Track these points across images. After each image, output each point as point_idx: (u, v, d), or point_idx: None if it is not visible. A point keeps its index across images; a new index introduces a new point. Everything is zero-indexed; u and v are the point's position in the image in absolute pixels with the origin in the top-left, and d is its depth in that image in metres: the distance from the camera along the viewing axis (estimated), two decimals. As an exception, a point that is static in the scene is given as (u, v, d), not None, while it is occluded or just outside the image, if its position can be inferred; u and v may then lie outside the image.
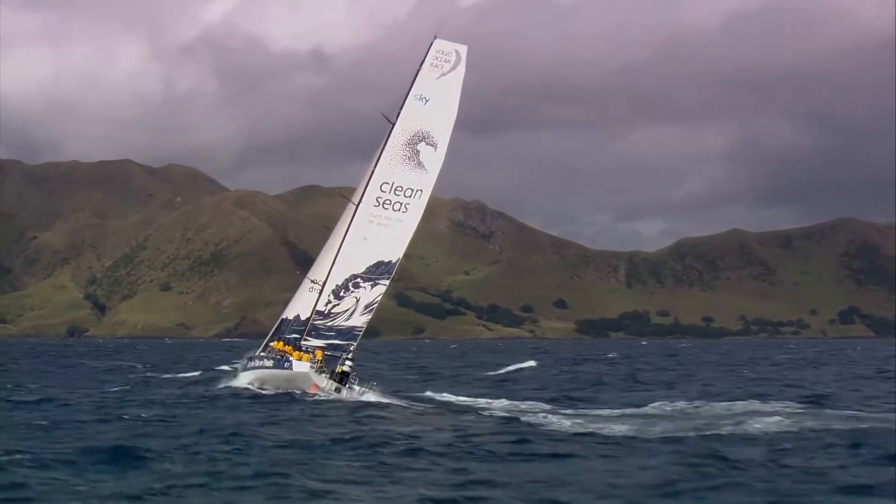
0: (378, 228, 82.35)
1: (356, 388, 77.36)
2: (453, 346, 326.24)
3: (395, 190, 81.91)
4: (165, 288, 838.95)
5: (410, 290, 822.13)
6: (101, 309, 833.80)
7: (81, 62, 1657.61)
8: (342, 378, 78.01)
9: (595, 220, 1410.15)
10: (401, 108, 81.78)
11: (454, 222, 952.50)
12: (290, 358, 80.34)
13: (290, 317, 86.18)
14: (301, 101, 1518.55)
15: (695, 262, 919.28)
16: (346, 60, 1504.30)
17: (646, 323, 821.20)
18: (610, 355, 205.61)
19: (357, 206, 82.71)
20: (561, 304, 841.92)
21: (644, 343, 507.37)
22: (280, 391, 77.48)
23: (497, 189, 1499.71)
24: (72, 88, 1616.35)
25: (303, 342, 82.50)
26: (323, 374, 78.74)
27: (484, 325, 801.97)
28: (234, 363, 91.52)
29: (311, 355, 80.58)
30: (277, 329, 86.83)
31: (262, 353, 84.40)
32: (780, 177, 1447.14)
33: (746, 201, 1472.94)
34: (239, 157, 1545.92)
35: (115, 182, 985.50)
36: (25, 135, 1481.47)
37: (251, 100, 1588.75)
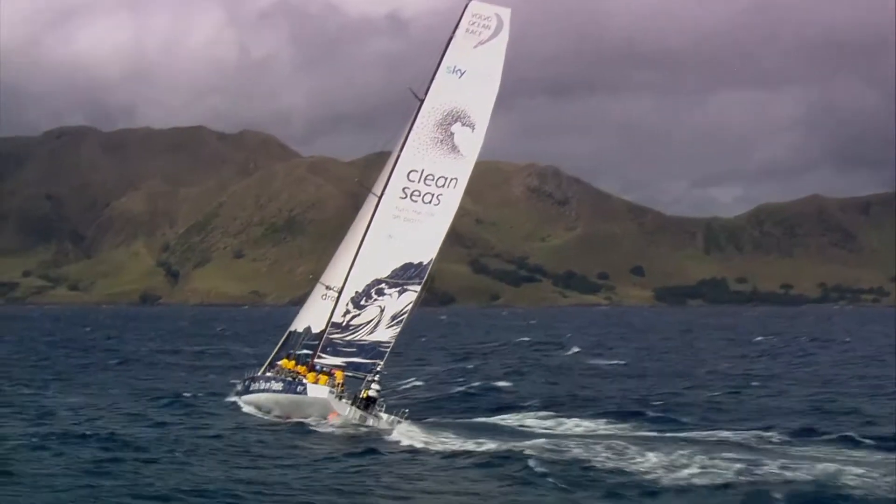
0: (405, 224, 68.50)
1: (383, 416, 63.77)
2: (532, 320, 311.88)
3: (426, 179, 68.19)
4: (238, 255, 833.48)
5: (485, 256, 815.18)
6: (174, 276, 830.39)
7: (159, 29, 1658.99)
8: (367, 404, 64.24)
9: (671, 186, 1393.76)
10: (430, 82, 67.76)
11: (529, 188, 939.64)
12: (304, 380, 66.69)
13: (300, 329, 71.91)
14: (377, 67, 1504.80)
15: (773, 228, 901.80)
16: (422, 25, 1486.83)
17: (724, 290, 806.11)
18: (757, 339, 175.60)
19: (380, 197, 68.90)
20: (638, 270, 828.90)
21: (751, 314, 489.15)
22: (291, 418, 64.89)
23: (572, 154, 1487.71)
24: (148, 55, 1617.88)
25: (316, 360, 68.88)
26: (344, 401, 64.97)
27: (560, 293, 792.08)
28: (234, 382, 77.41)
29: (331, 377, 66.84)
30: (284, 344, 72.85)
31: (269, 374, 70.58)
32: (861, 142, 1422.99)
33: (826, 167, 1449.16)
34: (313, 123, 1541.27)
35: (188, 149, 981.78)
36: (101, 102, 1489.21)
37: (327, 65, 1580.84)
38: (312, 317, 71.55)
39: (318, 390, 65.16)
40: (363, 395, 64.52)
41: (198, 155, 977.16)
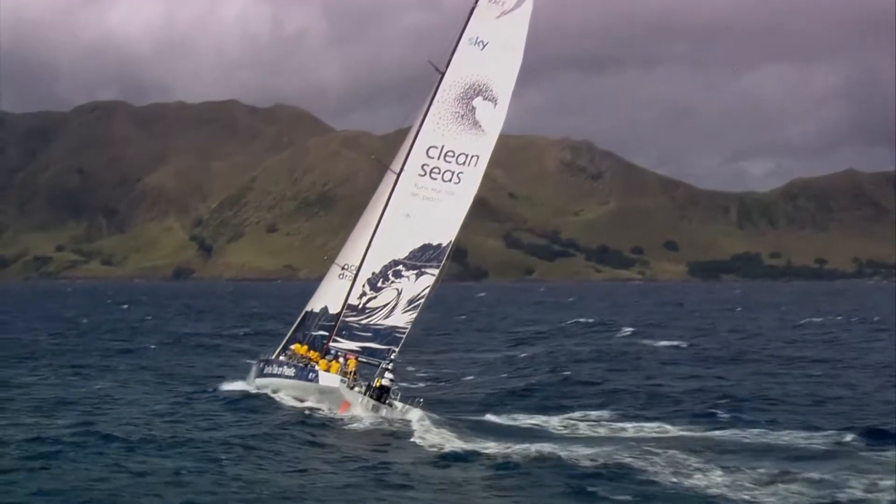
0: (424, 203, 65.47)
1: (398, 404, 60.60)
2: (571, 297, 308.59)
3: (446, 156, 65.09)
4: (272, 229, 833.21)
5: (519, 231, 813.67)
6: (207, 251, 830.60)
7: (191, 3, 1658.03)
8: (381, 394, 61.07)
9: (704, 160, 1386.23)
10: (451, 55, 64.62)
11: (562, 162, 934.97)
12: (317, 367, 63.87)
13: (317, 309, 68.97)
14: (410, 40, 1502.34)
15: (807, 202, 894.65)
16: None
17: (758, 265, 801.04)
18: (813, 320, 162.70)
19: (398, 175, 65.91)
20: (672, 245, 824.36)
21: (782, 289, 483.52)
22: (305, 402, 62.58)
23: (605, 128, 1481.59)
24: (181, 29, 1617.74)
25: (331, 344, 65.89)
26: (357, 389, 61.90)
27: (593, 267, 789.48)
28: (250, 363, 74.32)
29: (343, 362, 63.84)
30: (301, 324, 69.81)
31: (282, 359, 67.67)
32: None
33: (860, 141, 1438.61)
34: (346, 97, 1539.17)
35: (220, 123, 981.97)
36: (133, 76, 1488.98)
37: (360, 39, 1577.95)
38: (330, 297, 68.77)
39: (329, 379, 62.49)
40: (376, 383, 61.49)
41: (230, 129, 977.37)
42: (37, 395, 65.02)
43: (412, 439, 52.32)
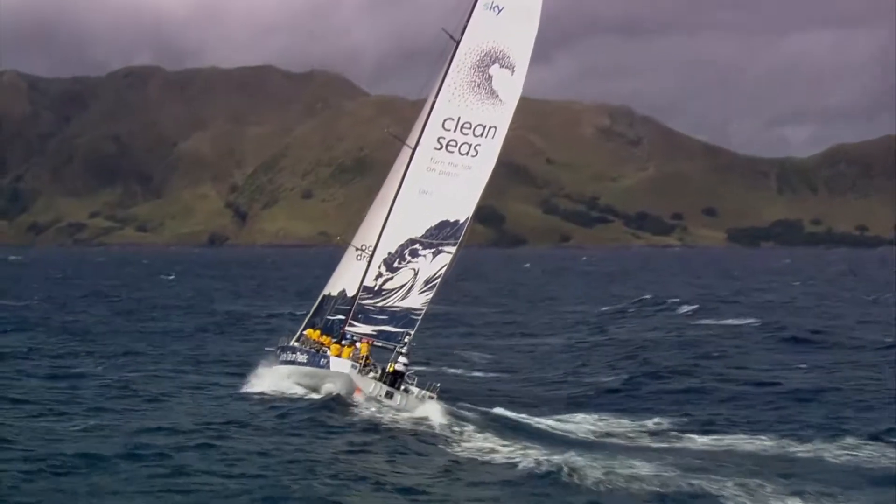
0: (441, 178, 62.86)
1: (414, 390, 58.21)
2: (613, 268, 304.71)
3: (462, 128, 62.38)
4: (307, 196, 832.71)
5: (556, 197, 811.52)
6: (242, 217, 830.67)
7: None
8: (394, 379, 58.64)
9: (744, 126, 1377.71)
10: (467, 21, 61.78)
11: (600, 128, 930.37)
12: (328, 353, 61.45)
13: (335, 293, 66.66)
14: (448, 4, 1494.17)
15: (848, 168, 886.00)
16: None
17: (798, 231, 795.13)
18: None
19: (414, 149, 63.44)
20: (710, 211, 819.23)
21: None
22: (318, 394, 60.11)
23: (644, 93, 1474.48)
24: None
25: (347, 328, 63.27)
26: (370, 375, 59.35)
27: (632, 234, 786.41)
28: (269, 349, 71.09)
29: (355, 348, 61.22)
30: (318, 309, 67.37)
31: (295, 344, 65.30)
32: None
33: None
34: (382, 62, 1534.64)
35: (255, 88, 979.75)
36: (168, 41, 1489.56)
37: (396, 3, 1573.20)
38: (347, 279, 66.39)
39: (340, 364, 60.19)
40: (390, 368, 59.09)
41: (265, 94, 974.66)
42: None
43: (436, 443, 49.10)
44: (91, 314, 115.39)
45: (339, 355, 60.56)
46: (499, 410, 56.58)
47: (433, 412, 54.87)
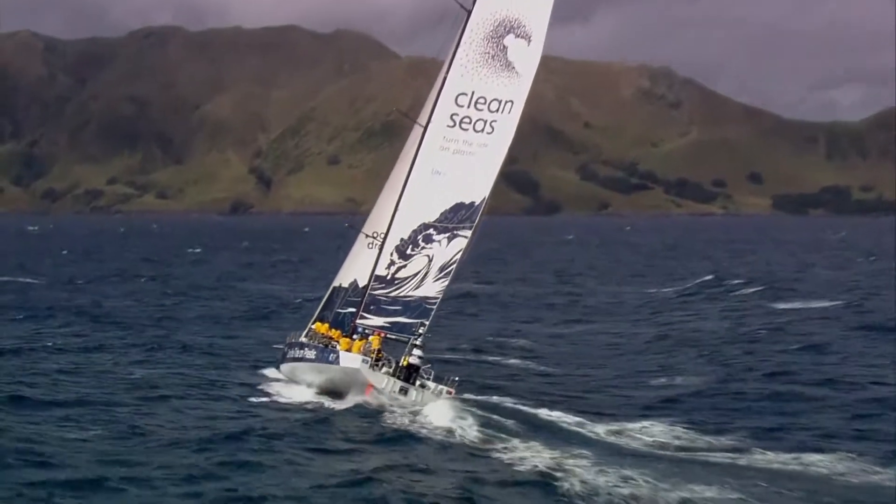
0: (455, 158, 60.42)
1: (430, 384, 55.98)
2: (658, 237, 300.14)
3: (477, 103, 60.06)
4: (333, 161, 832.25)
5: (594, 163, 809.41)
6: (266, 184, 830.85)
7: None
8: (409, 374, 56.47)
9: (790, 88, 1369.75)
10: (478, -12, 59.73)
11: (640, 90, 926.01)
12: (338, 347, 59.47)
13: (345, 284, 64.68)
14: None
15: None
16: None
17: (847, 199, 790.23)
18: None
19: (426, 128, 61.03)
20: (755, 178, 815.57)
21: None
22: (328, 390, 58.34)
23: (685, 55, 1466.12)
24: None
25: (358, 321, 61.33)
26: (383, 370, 57.30)
27: (673, 201, 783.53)
28: (277, 347, 68.87)
29: (366, 342, 59.29)
30: (328, 302, 65.34)
31: (303, 339, 63.03)
32: None
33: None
34: (413, 21, 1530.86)
35: (280, 49, 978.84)
36: (189, 0, 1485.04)
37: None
38: (359, 269, 64.11)
39: (349, 359, 57.91)
40: (404, 362, 57.01)
41: (290, 56, 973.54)
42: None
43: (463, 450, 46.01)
44: (114, 297, 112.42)
45: (349, 349, 58.62)
46: (542, 413, 54.07)
47: (447, 412, 52.88)
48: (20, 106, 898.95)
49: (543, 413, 52.62)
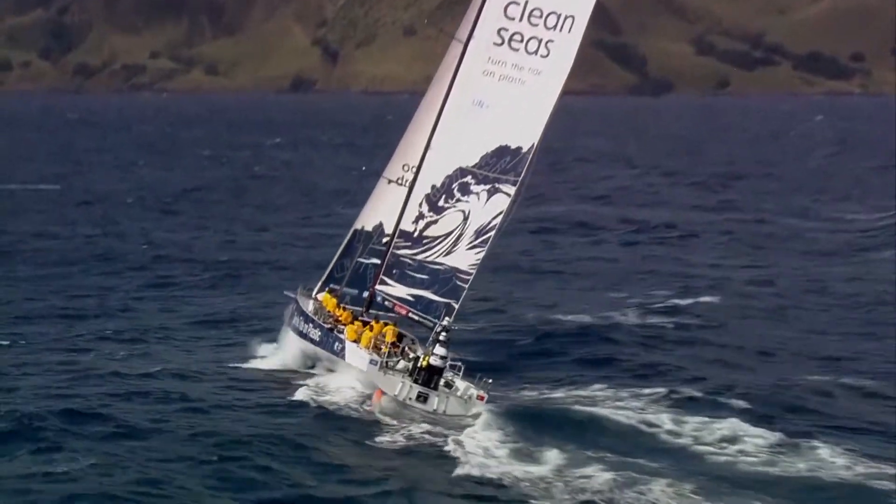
0: (501, 86, 56.18)
1: (459, 384, 51.86)
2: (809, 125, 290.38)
3: (531, 16, 56.27)
4: (410, 32, 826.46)
5: (712, 34, 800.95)
6: (332, 57, 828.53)
7: None
8: (430, 376, 51.84)
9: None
10: None
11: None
12: (343, 337, 55.48)
13: (369, 227, 60.82)
14: None
15: None
16: None
17: None
18: None
19: (466, 45, 56.93)
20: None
21: None
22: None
23: None
24: None
25: (377, 287, 57.12)
26: (399, 366, 53.23)
27: (803, 79, 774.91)
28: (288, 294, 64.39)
29: (379, 334, 55.29)
30: (348, 248, 61.42)
31: (311, 307, 59.34)
32: None
33: None
34: None
35: None
36: None
37: None
38: (385, 210, 60.27)
39: (356, 356, 53.68)
40: (423, 361, 51.86)
41: None
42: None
43: None
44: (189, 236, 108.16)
45: (356, 341, 54.63)
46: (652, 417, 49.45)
47: (476, 429, 47.94)
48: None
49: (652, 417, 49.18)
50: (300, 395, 53.13)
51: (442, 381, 51.61)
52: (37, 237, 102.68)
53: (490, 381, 51.28)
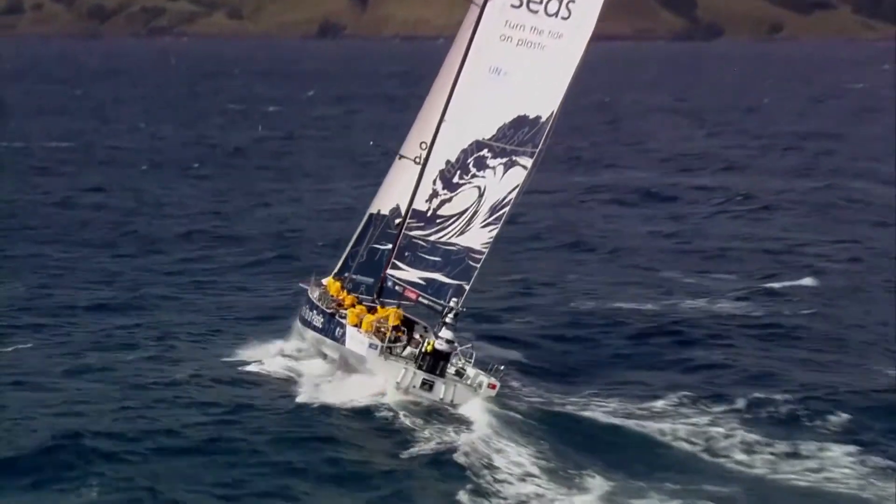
0: (520, 52, 55.35)
1: (470, 371, 51.26)
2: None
3: (550, -26, 54.75)
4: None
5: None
6: (362, 1, 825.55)
7: None
8: (435, 362, 51.17)
9: None
10: None
11: None
12: (345, 322, 55.12)
13: (386, 210, 60.39)
14: None
15: None
16: None
17: None
18: None
19: (483, 7, 56.26)
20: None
21: None
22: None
23: None
24: None
25: (389, 270, 57.35)
26: (406, 353, 52.85)
27: (863, 23, 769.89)
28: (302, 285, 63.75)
29: (381, 319, 54.80)
30: (362, 235, 61.08)
31: (316, 294, 59.25)
32: None
33: None
34: None
35: None
36: None
37: None
38: (401, 191, 59.69)
39: (356, 341, 53.17)
40: (428, 346, 51.17)
41: None
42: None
43: None
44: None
45: (357, 325, 54.24)
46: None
47: (486, 420, 47.15)
48: None
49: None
50: (302, 395, 52.67)
51: (452, 370, 50.95)
52: (57, 206, 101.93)
53: (503, 368, 50.84)
